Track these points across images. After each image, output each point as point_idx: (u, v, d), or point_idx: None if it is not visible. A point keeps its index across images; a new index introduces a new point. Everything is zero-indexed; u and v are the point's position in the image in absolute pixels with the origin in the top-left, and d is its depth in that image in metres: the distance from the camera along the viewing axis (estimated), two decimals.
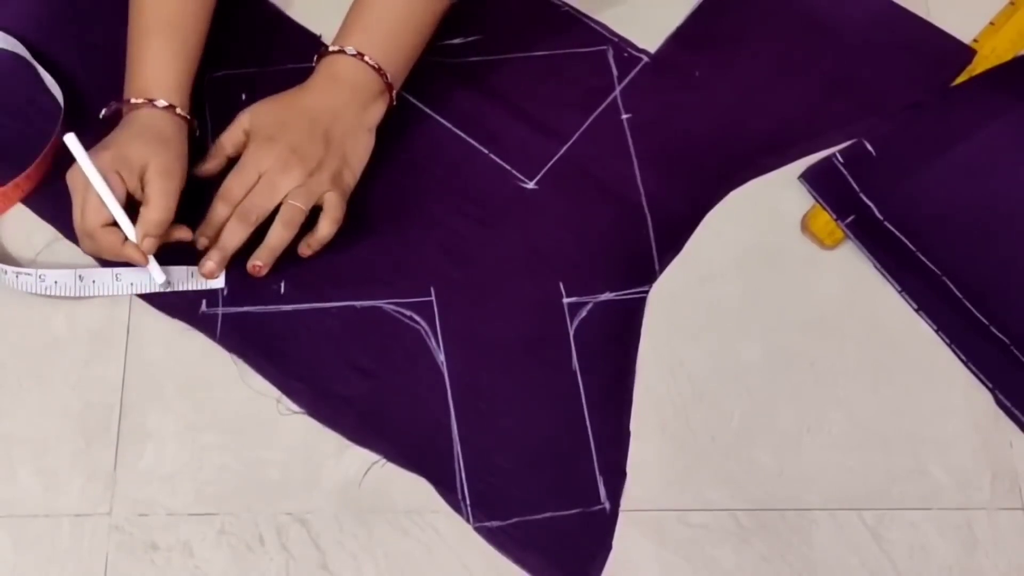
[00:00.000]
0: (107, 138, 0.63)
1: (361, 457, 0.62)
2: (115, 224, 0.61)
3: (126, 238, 0.61)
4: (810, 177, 0.72)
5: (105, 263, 0.65)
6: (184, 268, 0.65)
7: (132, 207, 0.61)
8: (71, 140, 0.59)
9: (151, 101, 0.63)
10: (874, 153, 0.72)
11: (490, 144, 0.71)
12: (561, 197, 0.70)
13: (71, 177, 0.61)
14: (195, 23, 0.67)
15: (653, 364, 0.65)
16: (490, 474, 0.61)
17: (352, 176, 0.66)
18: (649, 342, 0.66)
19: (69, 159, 0.61)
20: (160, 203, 0.61)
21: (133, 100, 0.64)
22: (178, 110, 0.64)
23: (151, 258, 0.62)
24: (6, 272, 0.64)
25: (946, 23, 0.77)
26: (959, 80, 0.75)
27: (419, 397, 0.63)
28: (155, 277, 0.63)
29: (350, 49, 0.65)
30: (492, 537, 0.60)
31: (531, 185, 0.70)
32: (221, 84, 0.72)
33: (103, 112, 0.65)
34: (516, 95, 0.73)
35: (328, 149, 0.64)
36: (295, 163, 0.63)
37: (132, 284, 0.65)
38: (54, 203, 0.67)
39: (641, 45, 0.76)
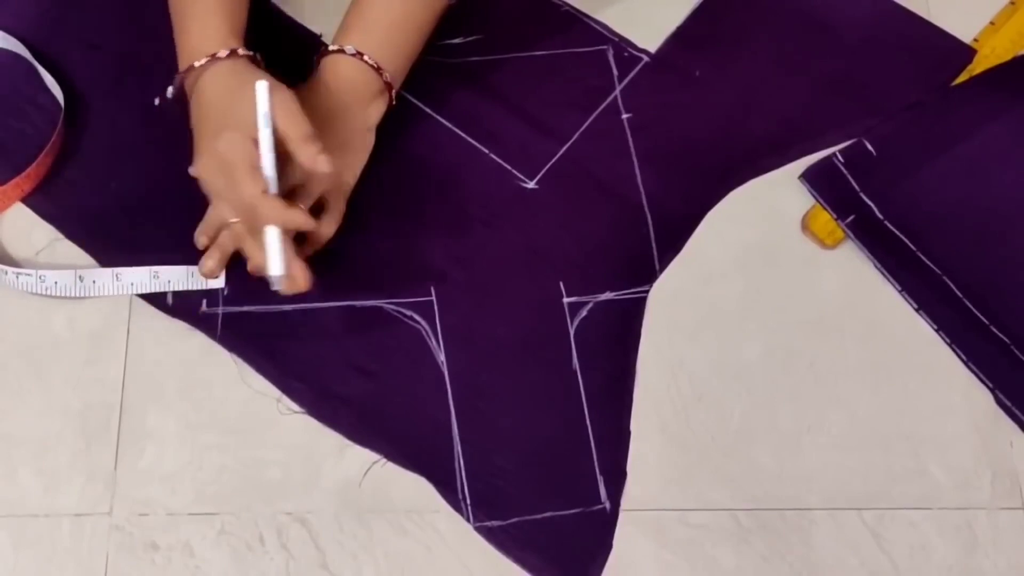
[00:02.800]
0: (200, 120, 0.60)
1: (361, 457, 0.62)
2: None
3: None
4: (810, 177, 0.72)
5: (106, 263, 0.65)
6: (184, 268, 0.65)
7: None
8: (262, 88, 0.56)
9: (213, 56, 0.60)
10: (874, 153, 0.72)
11: (490, 144, 0.71)
12: (561, 197, 0.70)
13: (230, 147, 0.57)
14: None
15: (653, 364, 0.65)
16: (490, 474, 0.61)
17: (352, 175, 0.66)
18: (649, 342, 0.66)
19: (69, 157, 0.60)
20: (300, 128, 0.58)
21: (196, 64, 0.61)
22: (240, 51, 0.61)
23: (274, 241, 0.57)
24: (6, 272, 0.64)
25: (946, 23, 0.77)
26: (959, 80, 0.75)
27: (419, 397, 0.63)
28: (272, 268, 0.57)
29: (349, 49, 0.65)
30: (492, 537, 0.60)
31: (531, 185, 0.70)
32: None
33: (169, 90, 0.63)
34: (516, 95, 0.73)
35: (327, 148, 0.64)
36: None
37: (132, 284, 0.65)
38: (54, 203, 0.67)
39: (641, 45, 0.76)
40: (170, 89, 0.64)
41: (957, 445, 0.64)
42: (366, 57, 0.65)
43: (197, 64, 0.61)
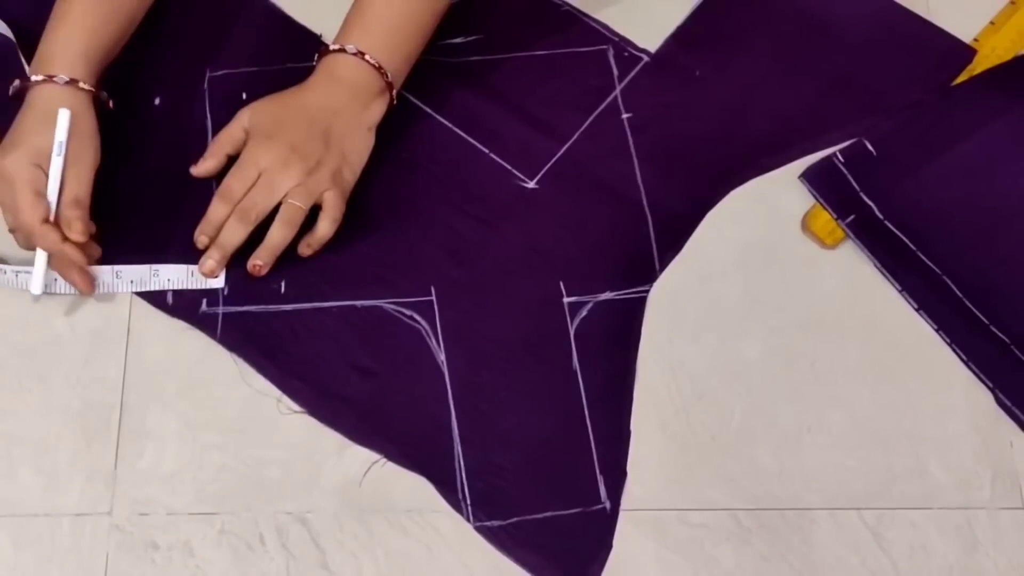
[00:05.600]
0: (13, 128, 0.61)
1: (361, 456, 0.62)
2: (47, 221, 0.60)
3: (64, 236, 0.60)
4: (810, 176, 0.72)
5: (106, 260, 0.65)
6: (184, 267, 0.65)
7: None
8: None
9: (51, 77, 0.61)
10: (874, 152, 0.72)
11: (490, 144, 0.71)
12: (561, 196, 0.70)
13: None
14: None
15: (653, 364, 0.65)
16: (490, 473, 0.61)
17: (352, 175, 0.66)
18: (649, 341, 0.66)
19: None
20: (73, 191, 0.60)
21: (33, 78, 0.61)
22: (81, 84, 0.62)
23: (40, 263, 0.61)
24: (5, 272, 0.64)
25: (946, 22, 0.77)
26: (959, 80, 0.75)
27: (419, 396, 0.63)
28: (32, 287, 0.62)
29: (351, 48, 0.65)
30: (492, 536, 0.60)
31: (531, 184, 0.70)
32: (221, 83, 0.72)
33: (11, 89, 0.63)
34: (516, 94, 0.73)
35: (328, 148, 0.64)
36: (295, 161, 0.63)
37: (132, 282, 0.65)
38: None
39: (641, 44, 0.76)
40: (12, 87, 0.63)
41: (957, 445, 0.64)
42: (367, 57, 0.65)
43: (34, 79, 0.62)
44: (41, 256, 0.61)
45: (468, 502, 0.61)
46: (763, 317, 0.67)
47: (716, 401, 0.65)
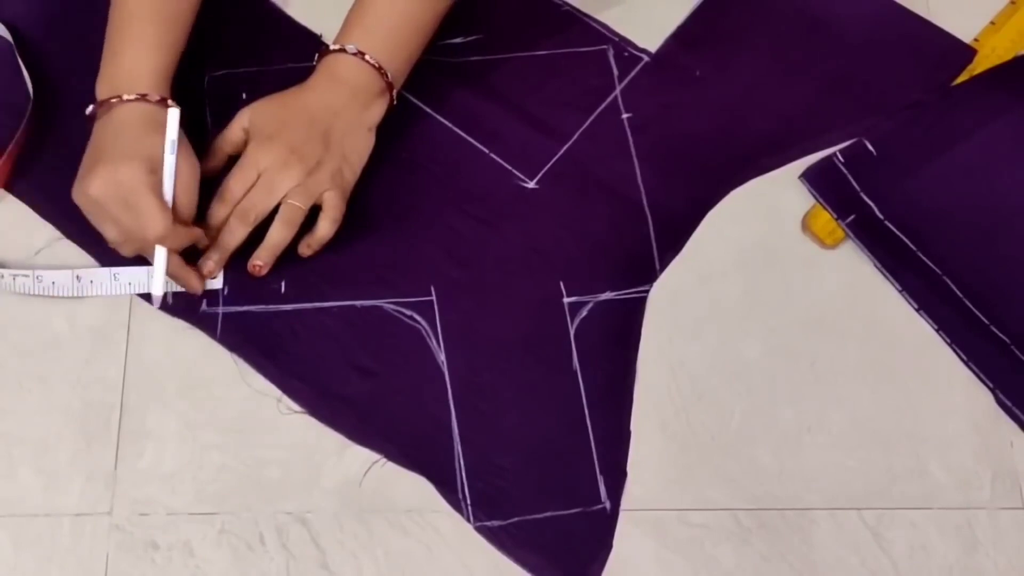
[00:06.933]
0: (105, 147, 0.61)
1: (361, 456, 0.62)
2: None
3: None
4: (810, 176, 0.72)
5: (106, 262, 0.65)
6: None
7: None
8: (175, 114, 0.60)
9: (144, 96, 0.62)
10: (874, 152, 0.72)
11: (491, 144, 0.71)
12: (562, 196, 0.70)
13: (122, 180, 0.59)
14: (181, 10, 0.65)
15: (653, 364, 0.65)
16: (490, 473, 0.61)
17: (352, 175, 0.66)
18: (649, 341, 0.66)
19: (70, 156, 0.60)
20: (188, 201, 0.61)
21: (126, 97, 0.61)
22: (170, 103, 0.62)
23: (160, 262, 0.61)
24: (2, 276, 0.64)
25: (946, 22, 0.77)
26: (959, 80, 0.75)
27: (419, 397, 0.63)
28: (155, 287, 0.62)
29: (351, 48, 0.65)
30: (492, 536, 0.60)
31: (532, 184, 0.70)
32: (221, 83, 0.72)
33: (90, 108, 0.63)
34: (516, 94, 0.73)
35: (327, 148, 0.64)
36: (294, 162, 0.63)
37: (131, 284, 0.65)
38: (54, 203, 0.66)
39: (641, 44, 0.76)
40: (90, 108, 0.63)
41: (957, 445, 0.64)
42: (367, 57, 0.65)
43: (126, 97, 0.61)
44: (161, 255, 0.60)
45: (468, 502, 0.61)
46: (763, 317, 0.67)
47: (716, 401, 0.65)
